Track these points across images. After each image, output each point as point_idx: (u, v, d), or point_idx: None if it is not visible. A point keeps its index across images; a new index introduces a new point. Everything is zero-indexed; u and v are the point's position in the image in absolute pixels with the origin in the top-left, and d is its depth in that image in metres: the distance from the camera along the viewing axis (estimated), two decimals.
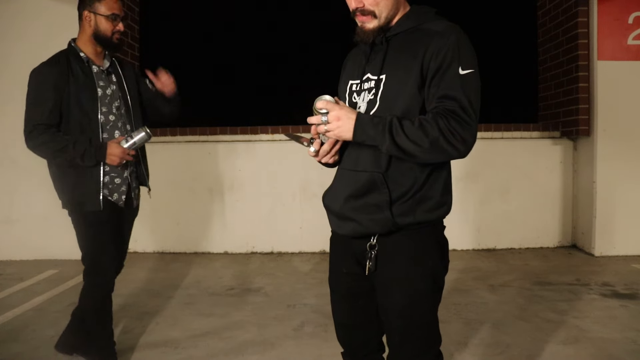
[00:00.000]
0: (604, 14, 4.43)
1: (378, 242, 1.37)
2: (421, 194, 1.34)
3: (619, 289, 3.49)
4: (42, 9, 4.49)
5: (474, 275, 3.93)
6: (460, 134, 1.23)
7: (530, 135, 4.96)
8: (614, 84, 4.45)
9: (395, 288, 1.37)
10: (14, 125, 4.53)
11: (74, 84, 2.12)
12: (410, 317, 1.37)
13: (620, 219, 4.48)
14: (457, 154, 1.25)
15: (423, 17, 1.37)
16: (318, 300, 3.33)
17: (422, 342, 1.40)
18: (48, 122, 2.12)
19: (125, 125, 2.26)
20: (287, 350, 2.58)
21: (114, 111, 2.20)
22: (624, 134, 4.46)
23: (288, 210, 4.82)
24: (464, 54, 1.28)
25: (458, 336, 2.70)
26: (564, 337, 2.67)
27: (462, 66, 1.27)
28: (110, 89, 2.22)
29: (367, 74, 1.39)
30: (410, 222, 1.34)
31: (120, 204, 2.23)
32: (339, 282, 1.52)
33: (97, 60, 2.24)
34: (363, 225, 1.36)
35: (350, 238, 1.42)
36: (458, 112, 1.23)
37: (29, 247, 4.52)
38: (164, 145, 4.83)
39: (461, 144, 1.23)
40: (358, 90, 1.41)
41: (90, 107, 2.13)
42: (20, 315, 3.08)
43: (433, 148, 1.23)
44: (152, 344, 2.66)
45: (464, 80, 1.26)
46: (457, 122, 1.23)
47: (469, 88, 1.26)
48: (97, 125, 2.14)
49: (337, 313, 1.55)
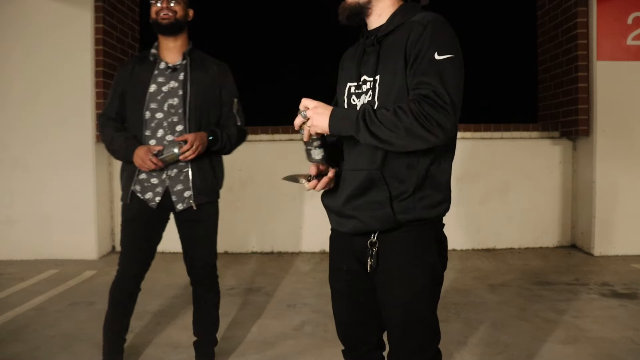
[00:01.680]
0: (603, 14, 4.44)
1: (378, 239, 1.38)
2: (422, 191, 1.34)
3: (618, 289, 3.50)
4: (42, 8, 4.49)
5: (474, 275, 3.94)
6: (435, 119, 1.20)
7: (530, 135, 4.96)
8: (614, 84, 4.46)
9: (396, 284, 1.38)
10: (14, 125, 4.56)
11: (130, 81, 2.17)
12: (410, 312, 1.38)
13: (619, 218, 4.49)
14: (435, 139, 1.23)
15: (410, 12, 1.38)
16: (318, 300, 3.34)
17: (422, 338, 1.41)
18: (108, 114, 2.23)
19: (175, 125, 2.13)
20: (287, 350, 2.59)
21: (165, 109, 2.12)
22: (624, 134, 4.47)
23: (288, 210, 4.83)
24: (440, 39, 1.28)
25: (457, 336, 2.71)
26: (563, 336, 2.68)
27: (439, 51, 1.26)
28: (169, 87, 2.14)
29: (364, 76, 1.41)
30: (411, 219, 1.34)
31: (151, 204, 2.15)
32: (339, 279, 1.52)
33: (168, 57, 2.18)
34: (364, 222, 1.37)
35: (351, 235, 1.43)
36: (431, 97, 1.22)
37: (29, 247, 4.52)
38: None
39: (437, 129, 1.21)
40: (357, 93, 1.42)
41: (137, 103, 2.13)
42: (20, 315, 3.08)
43: (408, 134, 1.21)
44: (152, 344, 2.66)
45: (439, 65, 1.25)
46: (430, 106, 1.20)
47: (445, 72, 1.24)
48: (141, 121, 2.13)
49: (338, 310, 1.56)
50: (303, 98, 1.33)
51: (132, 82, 2.16)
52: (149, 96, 2.12)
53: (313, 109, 1.30)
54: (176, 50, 2.18)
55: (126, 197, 2.16)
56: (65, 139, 4.51)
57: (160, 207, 2.17)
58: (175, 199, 2.16)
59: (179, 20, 2.10)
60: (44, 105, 4.51)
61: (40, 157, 4.53)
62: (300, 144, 1.53)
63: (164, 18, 2.09)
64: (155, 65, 2.17)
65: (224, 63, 2.28)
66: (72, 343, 2.66)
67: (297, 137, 4.70)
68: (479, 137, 4.90)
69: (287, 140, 4.86)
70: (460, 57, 1.29)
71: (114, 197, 4.87)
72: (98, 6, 4.54)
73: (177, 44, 2.17)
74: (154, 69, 2.16)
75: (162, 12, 2.09)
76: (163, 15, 2.09)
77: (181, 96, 2.12)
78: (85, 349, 2.59)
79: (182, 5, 2.12)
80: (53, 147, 4.51)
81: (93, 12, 4.53)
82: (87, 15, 4.51)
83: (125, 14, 5.06)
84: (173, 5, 2.09)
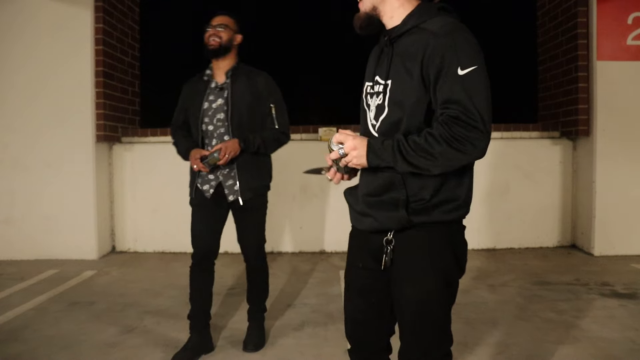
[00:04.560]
0: (603, 14, 4.44)
1: (394, 237, 1.39)
2: (441, 196, 1.35)
3: (618, 289, 3.50)
4: (42, 8, 4.49)
5: (474, 275, 3.94)
6: (467, 138, 1.22)
7: (530, 135, 4.96)
8: (614, 84, 4.46)
9: (408, 283, 1.38)
10: (14, 125, 4.56)
11: (190, 98, 2.58)
12: (421, 312, 1.38)
13: (619, 218, 4.49)
14: (471, 157, 1.25)
15: (425, 14, 1.35)
16: (318, 300, 3.34)
17: (432, 338, 1.41)
18: (176, 124, 2.67)
19: (223, 135, 2.50)
20: (287, 350, 2.59)
21: (215, 122, 2.50)
22: (624, 134, 4.47)
23: (288, 210, 4.83)
24: (461, 52, 1.25)
25: (458, 336, 2.69)
26: (563, 336, 2.68)
27: (462, 65, 1.24)
28: (217, 103, 2.50)
29: (377, 77, 1.42)
30: (425, 221, 1.35)
31: (206, 195, 2.53)
32: (354, 276, 1.53)
33: (218, 77, 2.55)
34: (379, 221, 1.39)
35: (368, 233, 1.44)
36: (460, 117, 1.22)
37: (29, 247, 4.52)
38: (165, 145, 4.83)
39: (470, 147, 1.23)
40: (370, 93, 1.44)
41: (195, 118, 2.53)
42: (20, 315, 3.08)
43: (444, 159, 1.24)
44: (152, 344, 2.66)
45: (464, 80, 1.23)
46: (461, 127, 1.22)
47: (471, 88, 1.23)
48: (198, 133, 2.53)
49: (350, 308, 1.55)
50: (336, 134, 1.35)
51: (191, 99, 2.56)
52: (202, 112, 2.51)
53: (351, 145, 1.31)
54: (224, 71, 2.53)
55: (191, 192, 2.59)
56: (65, 139, 4.51)
57: (215, 197, 2.54)
58: (227, 192, 2.53)
59: (223, 45, 2.45)
60: (44, 105, 4.51)
61: (40, 157, 4.53)
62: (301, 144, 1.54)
63: (211, 44, 2.44)
64: (208, 84, 2.54)
65: (263, 72, 2.58)
66: (72, 343, 2.66)
67: (298, 137, 4.70)
68: None
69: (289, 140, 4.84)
70: (483, 65, 1.27)
71: (114, 197, 4.87)
72: (98, 6, 4.54)
73: (225, 65, 2.51)
74: (207, 87, 2.53)
75: (210, 38, 2.45)
76: (211, 41, 2.44)
77: (225, 111, 2.49)
78: (85, 349, 2.59)
79: (227, 32, 2.46)
80: (53, 147, 4.51)
81: (93, 12, 4.53)
82: (87, 15, 4.51)
83: (125, 14, 5.06)
84: (220, 31, 2.45)
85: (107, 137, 4.66)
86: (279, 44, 6.81)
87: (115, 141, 4.86)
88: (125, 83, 5.08)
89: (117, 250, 4.90)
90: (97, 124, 4.58)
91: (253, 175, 2.55)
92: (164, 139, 4.85)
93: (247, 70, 2.55)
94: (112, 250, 4.87)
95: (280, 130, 2.59)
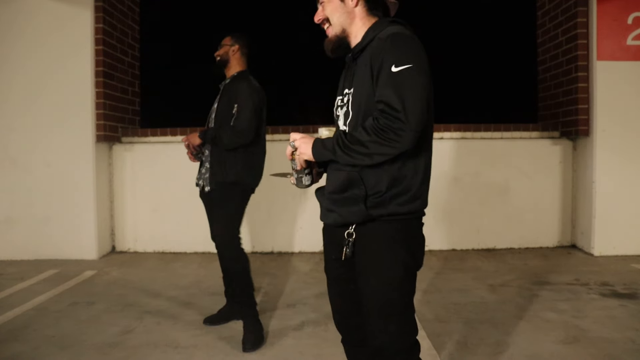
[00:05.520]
0: (603, 14, 4.44)
1: (355, 230, 1.50)
2: (397, 189, 1.45)
3: (618, 289, 3.50)
4: (42, 8, 4.49)
5: (474, 275, 3.94)
6: (390, 129, 1.32)
7: (530, 136, 4.96)
8: (614, 84, 4.46)
9: (369, 273, 1.49)
10: (14, 125, 4.56)
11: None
12: (382, 301, 1.47)
13: (619, 218, 4.49)
14: (396, 147, 1.34)
15: (379, 27, 1.50)
16: (318, 300, 3.34)
17: (395, 327, 1.48)
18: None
19: None
20: (287, 350, 2.59)
21: (211, 121, 2.93)
22: (623, 134, 4.47)
23: (288, 210, 4.83)
24: (398, 51, 1.37)
25: (458, 336, 2.71)
26: (563, 336, 2.68)
27: (396, 63, 1.35)
28: (214, 105, 2.94)
29: (345, 89, 1.56)
30: (382, 214, 1.45)
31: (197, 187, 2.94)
32: (330, 267, 1.68)
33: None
34: (342, 216, 1.50)
35: (334, 227, 1.57)
36: (385, 110, 1.34)
37: (29, 247, 4.52)
38: (165, 145, 4.84)
39: (394, 136, 1.32)
40: (340, 105, 1.57)
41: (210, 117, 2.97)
42: (20, 315, 3.08)
43: (373, 149, 1.35)
44: (152, 344, 2.66)
45: (397, 76, 1.34)
46: (385, 118, 1.33)
47: (401, 83, 1.33)
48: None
49: (331, 298, 1.70)
50: (291, 132, 1.54)
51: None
52: (210, 112, 2.97)
53: (300, 139, 1.49)
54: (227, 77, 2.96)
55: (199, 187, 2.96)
56: (65, 139, 4.51)
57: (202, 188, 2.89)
58: (203, 184, 2.87)
59: (222, 59, 2.91)
60: (43, 105, 4.51)
61: (40, 157, 4.53)
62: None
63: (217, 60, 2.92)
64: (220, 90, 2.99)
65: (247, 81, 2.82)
66: (72, 343, 2.66)
67: None
68: (479, 137, 4.90)
69: (287, 140, 4.84)
70: (420, 65, 1.37)
71: (114, 197, 4.87)
72: (98, 6, 4.54)
73: (228, 73, 2.94)
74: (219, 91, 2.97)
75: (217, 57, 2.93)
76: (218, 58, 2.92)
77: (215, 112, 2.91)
78: (85, 349, 2.59)
79: (224, 48, 2.91)
80: (53, 147, 4.51)
81: (93, 12, 4.53)
82: (87, 15, 4.51)
83: (125, 14, 5.06)
84: (218, 50, 2.92)
85: (107, 137, 4.66)
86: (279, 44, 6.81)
87: (115, 141, 4.86)
88: (125, 83, 5.08)
89: (117, 250, 4.90)
90: (97, 124, 4.58)
91: (220, 169, 2.77)
92: (164, 139, 4.85)
93: (238, 77, 2.88)
94: (112, 250, 4.87)
95: (237, 129, 2.72)
